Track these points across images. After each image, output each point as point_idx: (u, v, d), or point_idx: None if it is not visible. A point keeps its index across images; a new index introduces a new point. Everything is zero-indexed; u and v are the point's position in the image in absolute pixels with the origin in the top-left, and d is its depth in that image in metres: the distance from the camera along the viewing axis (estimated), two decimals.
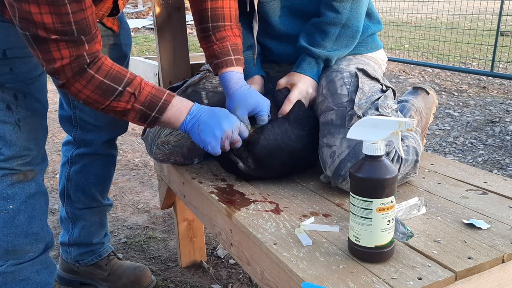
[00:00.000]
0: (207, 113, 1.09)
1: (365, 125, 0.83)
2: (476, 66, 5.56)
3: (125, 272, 1.64)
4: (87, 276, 1.64)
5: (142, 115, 1.06)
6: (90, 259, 1.62)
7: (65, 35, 0.94)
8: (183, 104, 1.09)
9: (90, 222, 1.58)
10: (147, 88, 1.05)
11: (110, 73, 1.02)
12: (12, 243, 1.21)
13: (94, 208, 1.58)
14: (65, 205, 1.56)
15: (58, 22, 0.92)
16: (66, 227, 1.60)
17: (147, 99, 1.05)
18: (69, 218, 1.57)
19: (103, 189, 1.59)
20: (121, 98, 1.03)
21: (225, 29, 1.22)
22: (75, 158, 1.53)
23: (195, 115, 1.09)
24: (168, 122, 1.09)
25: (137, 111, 1.05)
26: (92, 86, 1.01)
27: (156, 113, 1.06)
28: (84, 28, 0.97)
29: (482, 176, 1.20)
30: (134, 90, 1.04)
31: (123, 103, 1.04)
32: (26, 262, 1.25)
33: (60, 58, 0.96)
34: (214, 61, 1.22)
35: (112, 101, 1.03)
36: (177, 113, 1.08)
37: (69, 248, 1.61)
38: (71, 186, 1.54)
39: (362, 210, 0.80)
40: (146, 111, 1.06)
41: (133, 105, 1.04)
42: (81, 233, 1.58)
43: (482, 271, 0.81)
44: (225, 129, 1.07)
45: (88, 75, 1.00)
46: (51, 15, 0.91)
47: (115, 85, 1.02)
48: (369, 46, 1.37)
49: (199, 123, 1.08)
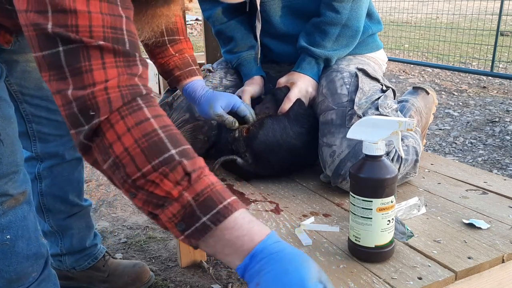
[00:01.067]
0: (275, 265, 0.62)
1: (365, 125, 0.83)
2: (476, 66, 5.56)
3: (125, 270, 1.64)
4: (84, 280, 1.63)
5: (187, 215, 0.66)
6: (87, 263, 1.61)
7: (116, 44, 0.68)
8: (252, 229, 0.66)
9: (78, 228, 1.55)
10: (211, 178, 0.68)
11: (168, 127, 0.69)
12: (15, 271, 1.16)
13: (77, 213, 1.55)
14: (47, 219, 1.52)
15: (110, 27, 0.68)
16: (53, 240, 1.56)
17: (206, 192, 0.66)
18: (55, 231, 1.54)
19: (79, 193, 1.55)
20: (170, 172, 0.65)
21: (181, 42, 1.25)
22: (44, 173, 1.46)
23: (259, 261, 0.64)
24: (220, 246, 0.66)
25: (183, 205, 0.66)
26: (139, 132, 0.66)
27: (208, 220, 0.65)
28: (135, 44, 0.72)
29: (482, 176, 1.20)
30: (192, 171, 0.66)
31: (169, 183, 0.65)
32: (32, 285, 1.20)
33: (104, 80, 0.67)
34: (176, 72, 1.23)
35: (156, 170, 0.65)
36: (238, 241, 0.65)
37: (62, 258, 1.58)
38: (48, 200, 1.49)
39: (362, 210, 0.80)
40: (195, 210, 0.65)
41: (181, 192, 0.66)
42: (72, 241, 1.55)
43: (482, 271, 0.81)
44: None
45: (142, 114, 0.68)
46: (102, 15, 0.67)
47: (170, 144, 0.67)
48: (369, 46, 1.37)
49: (258, 283, 0.62)
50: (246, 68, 1.36)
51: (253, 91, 1.29)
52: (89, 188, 2.53)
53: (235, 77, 1.41)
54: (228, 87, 1.38)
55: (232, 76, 1.41)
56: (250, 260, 0.64)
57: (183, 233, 0.67)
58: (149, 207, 0.68)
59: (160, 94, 1.72)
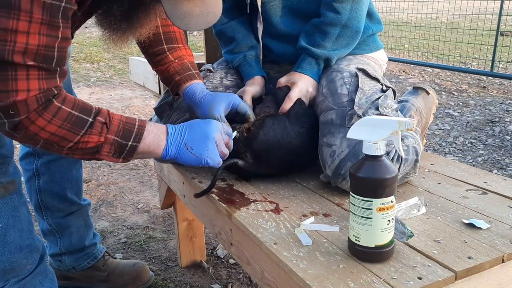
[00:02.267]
0: (187, 129, 1.02)
1: (365, 124, 0.83)
2: (476, 66, 5.56)
3: (125, 270, 1.64)
4: (84, 280, 1.63)
5: (118, 147, 0.94)
6: (86, 262, 1.61)
7: (44, 63, 0.83)
8: (159, 128, 1.00)
9: (76, 227, 1.56)
10: (117, 117, 0.95)
11: (76, 103, 0.91)
12: (9, 261, 1.19)
13: (76, 212, 1.56)
14: (45, 217, 1.53)
15: (43, 46, 0.82)
16: (53, 239, 1.57)
17: (120, 127, 0.94)
18: (53, 230, 1.54)
19: (78, 191, 1.56)
20: (93, 130, 0.90)
21: (180, 49, 1.26)
22: (42, 169, 1.47)
23: (175, 136, 1.01)
24: (147, 151, 0.98)
25: (111, 143, 0.93)
26: (59, 120, 0.87)
27: (133, 141, 0.95)
28: (62, 59, 0.87)
29: (482, 176, 1.20)
30: (105, 119, 0.92)
31: (95, 136, 0.91)
32: (27, 277, 1.23)
33: (26, 90, 0.82)
34: (176, 78, 1.24)
35: (83, 136, 0.90)
36: (156, 139, 0.98)
37: (62, 257, 1.59)
38: (46, 197, 1.50)
39: (362, 210, 0.80)
40: (121, 141, 0.94)
41: (106, 136, 0.92)
42: (72, 240, 1.56)
43: (482, 271, 0.81)
44: (214, 135, 1.02)
45: (54, 107, 0.87)
46: (40, 36, 0.81)
47: (85, 116, 0.90)
48: (370, 46, 1.37)
49: (185, 142, 1.00)
50: (247, 68, 1.36)
51: (254, 91, 1.29)
52: (89, 188, 2.53)
53: (236, 77, 1.41)
54: (229, 87, 1.38)
55: (233, 76, 1.41)
56: (171, 140, 0.99)
57: (120, 158, 0.95)
58: (88, 156, 0.93)
59: (160, 94, 1.72)
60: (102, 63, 5.74)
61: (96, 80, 5.10)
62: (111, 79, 5.22)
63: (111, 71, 5.52)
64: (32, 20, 0.78)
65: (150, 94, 1.93)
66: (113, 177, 2.70)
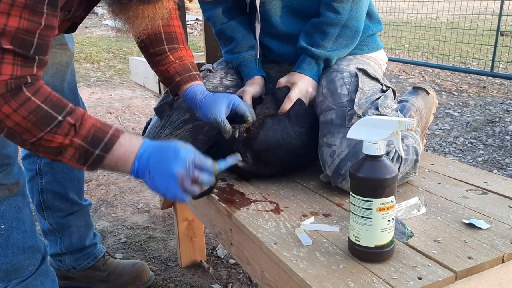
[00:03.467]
0: (155, 154, 0.91)
1: (365, 124, 0.83)
2: (476, 66, 5.56)
3: (125, 270, 1.64)
4: (84, 280, 1.63)
5: (83, 152, 0.87)
6: (87, 262, 1.61)
7: (21, 48, 0.80)
8: (132, 143, 0.91)
9: (77, 227, 1.56)
10: (91, 120, 0.88)
11: (50, 98, 0.85)
12: (11, 262, 1.18)
13: (77, 212, 1.56)
14: (47, 217, 1.53)
15: (23, 30, 0.78)
16: (53, 239, 1.57)
17: (90, 132, 0.87)
18: (54, 230, 1.55)
19: (80, 191, 1.57)
20: (59, 129, 0.84)
21: (181, 50, 1.25)
22: (44, 169, 1.48)
23: (144, 159, 0.90)
24: (114, 165, 0.90)
25: (76, 147, 0.86)
26: (25, 111, 0.82)
27: (101, 151, 0.87)
28: (43, 48, 0.84)
29: (482, 176, 1.20)
30: (76, 121, 0.85)
31: (60, 137, 0.84)
32: (29, 278, 1.22)
33: None
34: (177, 78, 1.23)
35: (47, 133, 0.84)
36: (125, 156, 0.90)
37: (62, 257, 1.59)
38: (48, 197, 1.50)
39: (362, 210, 0.80)
40: (88, 147, 0.86)
41: (72, 139, 0.85)
42: (72, 240, 1.56)
43: (482, 271, 0.81)
44: (176, 171, 0.89)
45: (23, 96, 0.82)
46: (20, 19, 0.78)
47: (55, 113, 0.84)
48: (370, 46, 1.37)
49: (149, 169, 0.90)
50: (246, 68, 1.36)
51: (254, 91, 1.29)
52: (89, 188, 2.53)
53: (236, 77, 1.41)
54: (229, 87, 1.38)
55: (233, 76, 1.41)
56: (138, 162, 0.90)
57: (84, 165, 0.88)
58: (50, 156, 0.87)
59: (160, 94, 1.72)
60: (102, 63, 5.75)
61: (96, 80, 5.10)
62: (111, 79, 5.23)
63: (111, 71, 5.52)
64: (14, 3, 0.76)
65: (150, 94, 1.93)
66: (113, 177, 2.70)
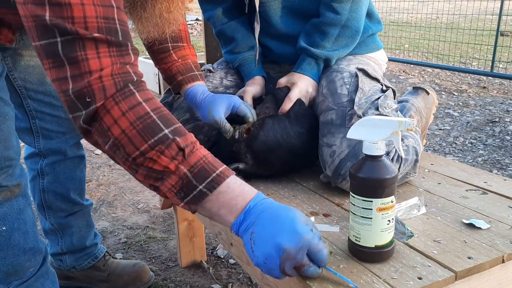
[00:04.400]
0: (267, 215, 0.75)
1: (365, 124, 0.83)
2: (476, 66, 5.56)
3: (125, 270, 1.64)
4: (84, 280, 1.63)
5: (185, 184, 0.76)
6: (87, 262, 1.61)
7: (109, 35, 0.74)
8: (243, 190, 0.78)
9: (78, 227, 1.56)
10: (202, 151, 0.78)
11: (159, 109, 0.78)
12: (12, 264, 1.18)
13: (78, 212, 1.56)
14: (48, 217, 1.53)
15: (102, 17, 0.73)
16: (54, 239, 1.57)
17: (199, 163, 0.76)
18: (55, 229, 1.54)
19: (81, 192, 1.56)
20: (165, 149, 0.75)
21: (184, 49, 1.26)
22: (46, 169, 1.47)
23: (253, 215, 0.76)
24: (216, 209, 0.78)
25: (180, 177, 0.76)
26: (133, 115, 0.75)
27: (205, 187, 0.76)
28: (127, 34, 0.78)
29: (482, 176, 1.20)
30: (185, 146, 0.76)
31: (166, 158, 0.75)
32: (30, 279, 1.22)
33: (99, 69, 0.73)
34: (179, 78, 1.24)
35: (152, 148, 0.75)
36: (232, 203, 0.77)
37: (63, 257, 1.59)
38: (49, 197, 1.50)
39: (362, 210, 0.80)
40: (192, 180, 0.76)
41: (178, 166, 0.75)
42: (73, 240, 1.56)
43: (482, 271, 0.81)
44: (284, 248, 0.72)
45: (134, 99, 0.76)
46: (95, 6, 0.72)
47: (162, 125, 0.76)
48: (370, 46, 1.37)
49: (254, 230, 0.75)
50: (247, 68, 1.36)
51: (255, 91, 1.29)
52: (89, 188, 2.53)
53: (236, 77, 1.41)
54: (229, 87, 1.38)
55: (233, 76, 1.41)
56: (245, 215, 0.76)
57: (182, 200, 0.77)
58: (150, 181, 0.77)
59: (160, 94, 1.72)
60: None
61: None
62: None
63: None
64: None
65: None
66: (113, 177, 2.70)
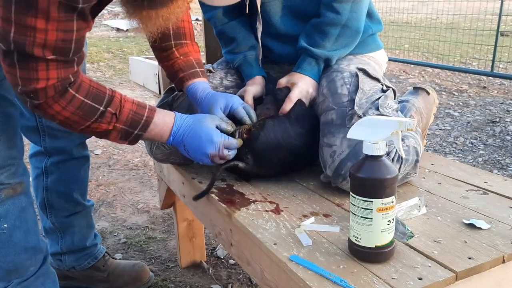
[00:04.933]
0: (189, 132, 1.08)
1: (366, 124, 0.83)
2: (476, 66, 5.56)
3: (125, 270, 1.64)
4: (84, 280, 1.63)
5: (124, 133, 1.04)
6: (87, 262, 1.61)
7: (61, 55, 0.90)
8: (165, 122, 1.07)
9: (79, 227, 1.56)
10: (127, 105, 1.02)
11: (90, 91, 0.98)
12: (13, 262, 1.18)
13: (80, 212, 1.56)
14: (49, 216, 1.53)
15: (61, 40, 0.88)
16: (54, 238, 1.57)
17: (129, 117, 1.02)
18: (56, 229, 1.55)
19: (84, 192, 1.57)
20: (103, 119, 0.99)
21: (187, 46, 1.26)
22: (51, 168, 1.48)
23: (179, 136, 1.08)
24: (152, 138, 1.10)
25: (119, 130, 1.03)
26: (72, 107, 0.96)
27: (139, 131, 1.05)
28: (80, 48, 0.93)
29: (483, 176, 1.20)
30: (116, 110, 1.00)
31: (104, 125, 1.00)
32: (30, 278, 1.22)
33: (46, 79, 0.90)
34: (180, 75, 1.24)
35: (93, 123, 0.99)
36: (160, 133, 1.07)
37: (62, 257, 1.59)
38: (52, 196, 1.50)
39: (363, 210, 0.80)
40: (128, 129, 1.03)
41: (115, 125, 1.01)
42: (73, 240, 1.56)
43: (483, 271, 0.81)
44: (209, 153, 1.07)
45: (69, 95, 0.95)
46: (57, 32, 0.86)
47: (96, 105, 0.98)
48: (370, 46, 1.37)
49: (184, 144, 1.08)
50: (247, 69, 1.36)
51: (255, 91, 1.29)
52: (89, 188, 2.52)
53: (236, 77, 1.41)
54: (229, 88, 1.38)
55: (233, 76, 1.41)
56: (173, 136, 1.08)
57: (125, 141, 1.06)
58: (97, 136, 1.04)
59: (160, 94, 1.72)
60: (102, 63, 5.74)
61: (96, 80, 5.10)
62: (111, 79, 5.22)
63: (111, 71, 5.52)
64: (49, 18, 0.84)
65: (150, 94, 1.93)
66: (113, 177, 2.70)
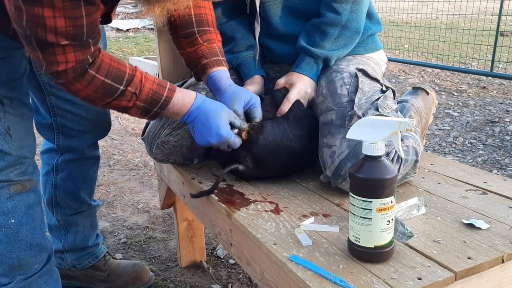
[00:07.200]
0: (202, 118, 1.11)
1: (365, 125, 0.83)
2: (476, 66, 5.56)
3: (125, 270, 1.64)
4: (84, 279, 1.63)
5: (144, 110, 1.09)
6: (88, 261, 1.61)
7: (74, 40, 0.93)
8: (184, 102, 1.11)
9: (83, 226, 1.57)
10: (148, 85, 1.06)
11: (110, 71, 1.01)
12: (18, 258, 1.19)
13: (85, 211, 1.56)
14: (55, 213, 1.54)
15: (71, 26, 0.90)
16: (57, 235, 1.57)
17: (149, 96, 1.06)
18: (60, 226, 1.55)
19: (90, 192, 1.57)
20: (123, 98, 1.04)
21: (210, 33, 1.24)
22: (61, 165, 1.49)
23: (192, 117, 1.12)
24: (170, 115, 1.14)
25: (139, 108, 1.07)
26: (93, 87, 1.01)
27: (158, 109, 1.09)
28: (93, 30, 0.95)
29: (482, 176, 1.20)
30: (136, 90, 1.04)
31: (125, 102, 1.05)
32: (34, 275, 1.23)
33: (65, 62, 0.95)
34: (203, 61, 1.22)
35: (113, 100, 1.04)
36: (177, 112, 1.12)
37: (64, 255, 1.59)
38: (59, 194, 1.51)
39: (362, 210, 0.80)
40: (148, 107, 1.08)
41: (135, 103, 1.06)
42: (76, 239, 1.57)
43: (482, 271, 0.81)
44: (212, 143, 1.12)
45: (89, 76, 0.99)
46: (65, 18, 0.89)
47: (117, 84, 1.02)
48: (369, 46, 1.37)
49: (194, 125, 1.12)
50: (246, 68, 1.36)
51: (254, 90, 1.29)
52: None
53: (234, 77, 1.41)
54: None
55: (232, 76, 1.41)
56: (188, 115, 1.12)
57: (145, 117, 1.11)
58: (119, 111, 1.09)
59: None
60: None
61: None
62: None
63: None
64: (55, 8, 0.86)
65: None
66: (113, 177, 2.70)
